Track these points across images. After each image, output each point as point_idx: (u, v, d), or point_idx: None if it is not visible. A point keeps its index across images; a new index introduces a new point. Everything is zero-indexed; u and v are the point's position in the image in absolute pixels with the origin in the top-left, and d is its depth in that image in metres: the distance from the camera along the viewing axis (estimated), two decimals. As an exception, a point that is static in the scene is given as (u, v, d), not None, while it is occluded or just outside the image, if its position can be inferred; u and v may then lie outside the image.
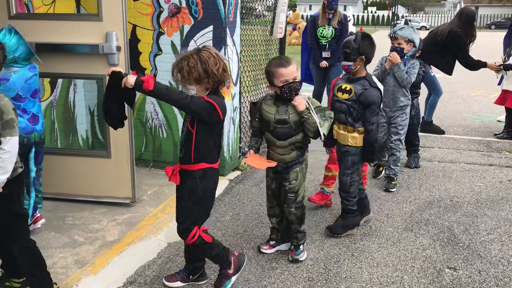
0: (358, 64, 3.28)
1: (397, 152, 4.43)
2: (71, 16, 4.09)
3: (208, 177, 2.62)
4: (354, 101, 3.29)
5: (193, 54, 2.50)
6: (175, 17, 4.46)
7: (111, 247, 3.29)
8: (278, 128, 2.94)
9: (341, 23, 6.14)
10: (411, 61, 4.28)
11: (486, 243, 3.46)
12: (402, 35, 4.17)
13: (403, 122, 4.39)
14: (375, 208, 4.04)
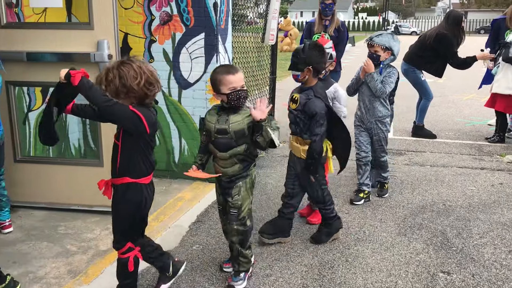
0: (305, 74, 3.20)
1: (383, 158, 4.37)
2: (62, 25, 4.08)
3: (132, 191, 2.53)
4: (300, 111, 3.22)
5: (114, 67, 2.41)
6: (167, 25, 4.47)
7: (104, 256, 3.27)
8: (218, 138, 2.79)
9: (338, 30, 5.78)
10: (388, 70, 4.12)
11: (479, 246, 3.47)
12: (378, 42, 4.00)
13: (383, 134, 4.26)
14: (368, 213, 4.05)
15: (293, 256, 3.31)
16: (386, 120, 4.23)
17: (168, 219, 3.83)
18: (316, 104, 3.16)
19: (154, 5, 4.45)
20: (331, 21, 5.73)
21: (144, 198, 2.57)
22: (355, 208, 4.15)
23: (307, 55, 3.18)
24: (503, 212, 4.09)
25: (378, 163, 4.39)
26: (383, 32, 4.10)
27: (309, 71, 3.19)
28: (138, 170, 2.53)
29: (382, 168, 4.42)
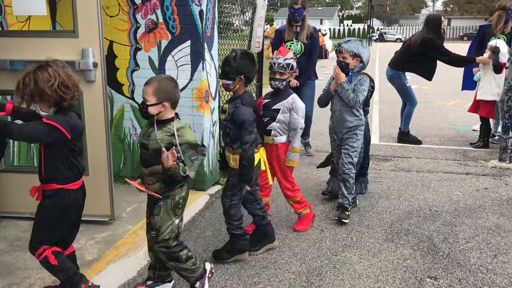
0: (237, 84, 3.12)
1: (349, 178, 4.01)
2: (47, 33, 4.05)
3: (58, 198, 2.56)
4: (229, 121, 3.14)
5: (30, 71, 2.45)
6: (152, 32, 4.45)
7: (90, 266, 3.23)
8: (142, 152, 2.71)
9: (311, 37, 5.46)
10: (359, 77, 3.94)
11: (465, 251, 3.50)
12: (347, 49, 3.84)
13: (355, 144, 4.01)
14: (355, 219, 4.06)
15: (281, 264, 3.30)
16: (357, 131, 4.01)
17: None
18: (244, 111, 3.08)
19: (139, 13, 4.44)
20: (302, 27, 5.45)
21: (72, 203, 2.61)
22: (342, 215, 4.16)
23: (239, 64, 3.07)
24: (488, 217, 4.13)
25: (342, 175, 4.04)
26: (351, 39, 3.94)
27: (240, 80, 3.11)
28: (65, 176, 2.57)
29: (345, 183, 4.04)
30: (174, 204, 2.73)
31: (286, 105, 3.50)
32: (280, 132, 3.53)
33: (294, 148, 3.56)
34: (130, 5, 4.44)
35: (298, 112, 3.50)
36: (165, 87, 2.65)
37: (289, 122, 3.52)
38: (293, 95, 3.57)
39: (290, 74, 3.51)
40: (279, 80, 3.48)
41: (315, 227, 3.89)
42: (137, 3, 4.42)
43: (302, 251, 3.49)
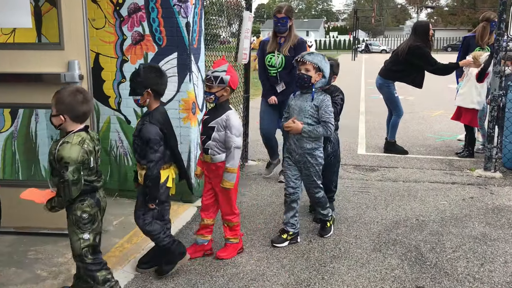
0: (146, 98, 3.07)
1: (320, 199, 3.85)
2: (32, 45, 4.03)
3: None
4: (137, 137, 3.11)
5: None
6: (139, 44, 4.45)
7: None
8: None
9: (295, 49, 4.95)
10: (320, 97, 3.58)
11: (452, 260, 3.52)
12: (311, 60, 3.51)
13: (315, 169, 3.71)
14: (343, 229, 4.06)
15: (269, 276, 3.29)
16: (316, 153, 3.70)
17: (141, 241, 3.76)
18: (149, 130, 3.02)
19: (126, 25, 4.44)
20: (287, 38, 5.00)
21: None
22: (330, 225, 4.16)
23: (144, 78, 3.03)
24: (474, 226, 4.16)
25: (313, 200, 3.93)
26: (314, 52, 3.65)
27: (149, 94, 3.06)
28: None
29: (319, 206, 3.91)
30: (76, 219, 2.70)
31: (220, 122, 3.30)
32: (217, 151, 3.34)
33: (228, 168, 3.30)
34: (116, 17, 4.44)
35: (231, 130, 3.27)
36: (64, 99, 2.63)
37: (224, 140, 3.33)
38: (228, 111, 3.33)
39: (221, 88, 3.26)
40: (207, 94, 3.29)
41: (303, 238, 3.88)
42: (123, 15, 4.42)
43: (291, 262, 3.48)
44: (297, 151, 3.68)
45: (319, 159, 3.70)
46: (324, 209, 3.91)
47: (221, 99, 3.32)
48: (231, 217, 3.51)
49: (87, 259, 2.74)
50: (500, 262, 3.50)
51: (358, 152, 6.90)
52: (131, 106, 4.51)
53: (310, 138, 3.61)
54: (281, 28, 4.97)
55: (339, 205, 4.66)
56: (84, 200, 2.71)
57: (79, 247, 2.72)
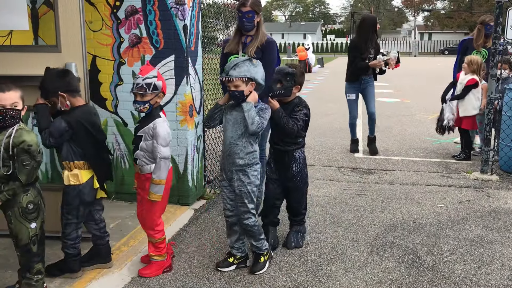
0: (61, 101, 3.07)
1: (252, 228, 3.32)
2: (29, 47, 4.02)
3: None
4: None
5: None
6: (136, 47, 4.45)
7: (73, 284, 3.17)
8: None
9: (262, 50, 4.05)
10: (259, 106, 3.25)
11: (449, 263, 3.52)
12: (237, 75, 3.13)
13: (246, 189, 3.26)
14: (340, 232, 4.06)
15: (266, 278, 3.28)
16: (250, 170, 3.26)
17: (138, 244, 3.75)
18: (54, 122, 3.07)
19: (123, 28, 4.44)
20: (254, 37, 4.07)
21: None
22: (328, 228, 4.16)
23: (48, 83, 3.06)
24: (471, 229, 4.17)
25: (243, 227, 3.36)
26: (238, 61, 3.18)
27: (62, 97, 3.05)
28: None
29: (251, 236, 3.38)
30: (23, 210, 2.79)
31: (147, 131, 3.15)
32: (146, 161, 3.18)
33: (154, 179, 3.13)
34: (113, 19, 4.44)
35: (158, 139, 3.11)
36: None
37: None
38: (156, 120, 3.15)
39: (155, 94, 3.12)
40: (140, 103, 3.10)
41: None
42: (120, 17, 4.42)
43: (288, 265, 3.48)
44: (228, 167, 3.29)
45: (252, 178, 3.27)
46: (257, 240, 3.36)
47: (154, 106, 3.17)
48: (153, 233, 3.29)
49: (33, 248, 2.84)
50: (497, 265, 3.50)
51: (355, 155, 6.91)
52: (128, 109, 4.50)
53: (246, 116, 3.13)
54: (247, 25, 4.04)
55: (336, 207, 4.67)
56: (28, 190, 2.80)
57: (28, 236, 2.81)
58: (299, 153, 3.62)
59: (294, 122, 3.39)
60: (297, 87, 3.52)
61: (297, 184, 3.66)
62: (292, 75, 3.45)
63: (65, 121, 3.04)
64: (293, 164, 3.60)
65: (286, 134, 3.46)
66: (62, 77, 3.10)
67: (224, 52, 4.15)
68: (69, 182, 3.13)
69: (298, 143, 3.60)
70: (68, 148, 3.11)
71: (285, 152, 3.60)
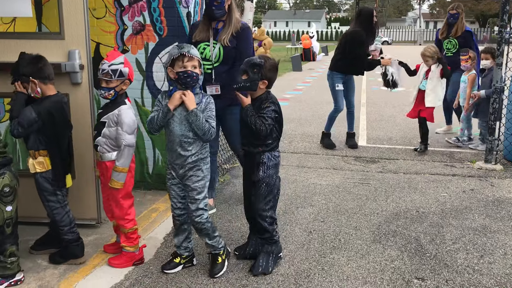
0: (34, 88, 3.09)
1: (205, 225, 3.09)
2: (32, 34, 4.00)
3: None
4: None
5: None
6: (140, 34, 4.43)
7: (77, 270, 3.20)
8: None
9: (237, 37, 3.74)
10: (203, 100, 3.00)
11: (452, 252, 3.53)
12: (196, 55, 2.93)
13: (200, 183, 3.05)
14: (343, 221, 4.07)
15: (269, 266, 3.29)
16: (202, 165, 3.06)
17: (142, 231, 3.77)
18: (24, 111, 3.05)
19: (126, 15, 4.42)
20: (226, 23, 3.75)
21: None
22: (331, 216, 4.17)
23: (20, 68, 3.07)
24: (474, 218, 4.17)
25: (193, 224, 3.14)
26: (185, 44, 2.97)
27: (33, 83, 3.06)
28: None
29: (204, 234, 3.14)
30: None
31: (112, 117, 3.09)
32: (107, 149, 3.13)
33: (117, 167, 3.09)
34: (117, 7, 4.42)
35: (123, 126, 3.05)
36: None
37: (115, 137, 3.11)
38: (122, 106, 3.09)
39: (121, 81, 3.07)
40: (105, 89, 3.05)
41: (302, 229, 3.89)
42: (124, 5, 4.40)
43: (290, 253, 3.49)
44: (179, 164, 3.04)
45: (205, 172, 3.07)
46: (211, 238, 3.15)
47: (120, 93, 3.12)
48: (123, 222, 3.23)
49: (7, 231, 2.92)
50: (500, 254, 3.51)
51: (359, 144, 6.90)
52: (132, 96, 4.48)
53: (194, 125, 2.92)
54: (217, 12, 3.70)
55: (340, 196, 4.67)
56: (4, 173, 2.88)
57: (2, 219, 2.89)
58: (269, 157, 3.14)
59: (261, 122, 2.99)
60: (264, 82, 3.05)
61: (261, 191, 3.15)
62: (259, 66, 3.02)
63: (35, 111, 3.03)
64: (260, 167, 3.14)
65: (255, 135, 3.08)
66: (35, 63, 3.09)
67: (194, 41, 3.80)
68: (35, 170, 3.15)
69: (266, 144, 3.13)
70: (35, 138, 3.12)
71: (253, 155, 3.17)
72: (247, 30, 3.85)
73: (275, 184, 3.21)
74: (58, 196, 3.21)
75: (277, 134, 3.16)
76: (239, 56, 3.76)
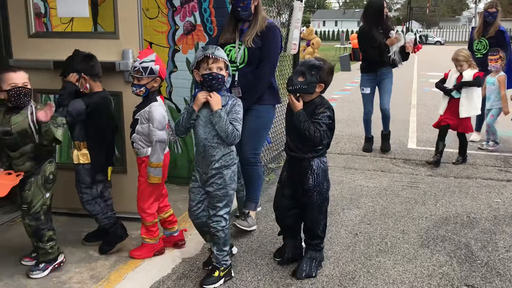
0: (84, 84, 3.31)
1: (219, 233, 2.99)
2: (89, 34, 4.17)
3: None
4: None
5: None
6: (190, 34, 4.52)
7: (127, 262, 3.30)
8: (6, 139, 2.95)
9: (262, 37, 3.61)
10: (232, 102, 2.92)
11: (505, 260, 3.40)
12: (223, 57, 2.87)
13: (222, 191, 2.97)
14: (390, 224, 4.00)
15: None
16: (226, 172, 2.96)
17: (189, 227, 3.84)
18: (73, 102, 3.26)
19: (178, 15, 4.51)
20: (252, 24, 3.63)
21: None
22: (377, 219, 4.11)
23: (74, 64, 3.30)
24: (529, 226, 4.00)
25: (209, 229, 3.07)
26: (212, 45, 2.92)
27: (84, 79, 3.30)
28: None
29: (216, 242, 3.05)
30: (45, 179, 3.04)
31: (143, 114, 3.16)
32: (141, 145, 3.21)
33: (152, 163, 3.15)
34: (169, 7, 4.52)
35: (153, 123, 3.11)
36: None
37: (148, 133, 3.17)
38: (153, 103, 3.14)
39: (152, 79, 3.12)
40: (137, 86, 3.12)
41: (348, 231, 3.86)
42: (176, 5, 4.50)
43: (335, 254, 3.47)
44: (204, 169, 2.99)
45: (228, 181, 2.97)
46: (219, 250, 3.04)
47: (151, 90, 3.18)
48: (144, 215, 3.29)
49: (42, 217, 3.06)
50: (557, 264, 3.35)
51: (408, 146, 6.75)
52: (182, 95, 4.59)
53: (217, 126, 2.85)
54: (243, 14, 3.60)
55: (387, 199, 4.59)
56: (52, 161, 3.09)
57: (41, 204, 3.04)
58: (318, 163, 3.05)
59: (316, 128, 2.89)
60: (320, 85, 2.95)
61: (313, 200, 3.08)
62: (318, 69, 2.92)
63: (85, 103, 3.23)
64: (309, 175, 3.05)
65: (306, 140, 2.98)
66: (88, 61, 3.31)
67: (220, 43, 3.71)
68: (78, 161, 3.32)
69: (316, 150, 3.03)
70: (81, 129, 3.31)
71: (301, 161, 3.07)
72: (273, 29, 3.68)
73: (327, 192, 3.14)
74: (92, 190, 3.39)
75: (328, 141, 3.02)
76: (264, 55, 3.64)
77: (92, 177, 3.35)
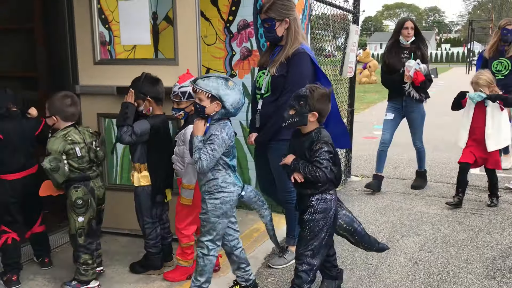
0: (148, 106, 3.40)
1: (199, 259, 2.88)
2: (150, 60, 4.32)
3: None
4: None
5: None
6: (247, 59, 4.60)
7: (183, 284, 3.33)
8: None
9: (288, 64, 3.28)
10: (213, 127, 2.74)
11: None
12: (203, 88, 2.67)
13: (203, 216, 2.86)
14: (452, 252, 3.83)
15: (371, 295, 3.18)
16: (208, 198, 2.81)
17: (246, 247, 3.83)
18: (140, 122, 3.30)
19: (235, 41, 4.61)
20: (282, 50, 3.34)
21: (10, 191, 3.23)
22: (438, 247, 3.94)
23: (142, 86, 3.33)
24: None
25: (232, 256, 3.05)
26: (212, 75, 2.74)
27: (148, 101, 3.37)
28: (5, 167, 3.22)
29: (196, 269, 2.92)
30: (71, 204, 3.11)
31: (180, 136, 3.23)
32: (180, 166, 3.26)
33: (183, 184, 3.19)
34: (226, 34, 4.63)
35: (186, 145, 3.11)
36: (54, 103, 3.13)
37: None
38: (188, 126, 3.11)
39: (191, 103, 3.14)
40: (176, 110, 3.23)
41: (408, 259, 3.72)
42: (233, 31, 4.60)
43: (394, 283, 3.35)
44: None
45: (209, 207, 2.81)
46: (194, 278, 2.90)
47: (190, 113, 3.22)
48: (180, 236, 3.31)
49: (79, 240, 3.14)
50: None
51: (471, 172, 6.46)
52: (238, 119, 4.65)
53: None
54: (267, 36, 3.39)
55: (449, 226, 4.41)
56: (78, 187, 3.12)
57: (75, 228, 3.14)
58: (318, 199, 2.80)
59: (316, 167, 2.68)
60: (314, 114, 2.74)
61: (303, 233, 2.86)
62: (305, 98, 2.72)
63: (149, 123, 3.28)
64: (308, 209, 2.84)
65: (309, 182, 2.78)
66: (155, 84, 3.38)
67: (258, 66, 3.60)
68: (139, 183, 3.35)
69: (316, 187, 2.79)
70: (142, 151, 3.34)
71: (303, 196, 2.89)
72: (300, 55, 3.29)
73: (321, 231, 2.81)
74: (152, 212, 3.42)
75: (332, 177, 2.78)
76: (286, 85, 3.29)
77: (152, 200, 3.41)
